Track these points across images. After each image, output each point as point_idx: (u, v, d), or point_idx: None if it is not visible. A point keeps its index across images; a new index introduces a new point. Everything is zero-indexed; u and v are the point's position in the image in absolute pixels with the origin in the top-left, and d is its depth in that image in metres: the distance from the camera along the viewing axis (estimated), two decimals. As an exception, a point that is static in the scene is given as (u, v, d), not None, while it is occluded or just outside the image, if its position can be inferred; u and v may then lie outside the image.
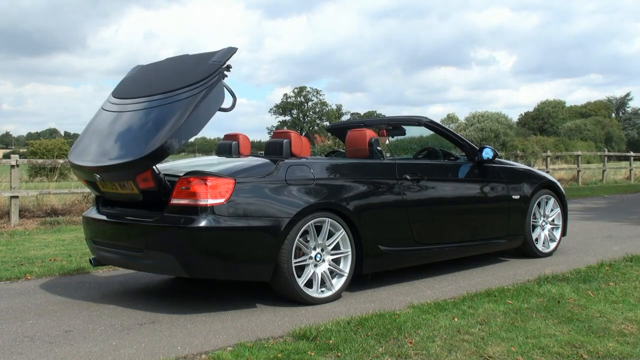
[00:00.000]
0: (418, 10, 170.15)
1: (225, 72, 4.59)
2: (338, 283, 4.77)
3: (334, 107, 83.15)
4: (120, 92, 5.06)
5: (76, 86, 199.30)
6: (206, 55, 4.79)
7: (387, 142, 6.92)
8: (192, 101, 4.35)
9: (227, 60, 4.59)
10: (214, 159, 5.41)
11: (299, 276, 4.55)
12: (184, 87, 4.50)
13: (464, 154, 6.13)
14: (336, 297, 4.74)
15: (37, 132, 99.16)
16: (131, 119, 4.67)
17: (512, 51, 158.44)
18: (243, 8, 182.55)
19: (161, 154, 4.25)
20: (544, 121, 67.49)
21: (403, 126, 6.38)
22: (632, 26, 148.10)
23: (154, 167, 4.39)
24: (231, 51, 4.67)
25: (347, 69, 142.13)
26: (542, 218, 6.54)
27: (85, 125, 5.10)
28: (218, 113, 4.61)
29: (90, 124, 5.05)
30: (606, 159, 24.20)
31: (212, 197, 4.27)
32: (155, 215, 4.48)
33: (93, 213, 5.08)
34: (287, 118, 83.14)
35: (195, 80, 4.49)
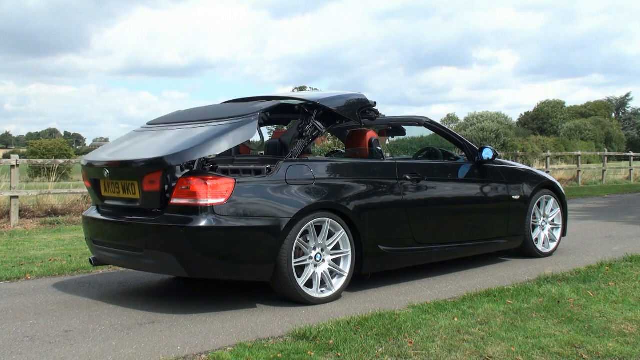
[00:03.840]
0: (423, 11, 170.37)
1: (263, 117, 4.80)
2: (338, 283, 4.77)
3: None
4: (155, 122, 5.42)
5: (79, 86, 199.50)
6: (247, 100, 5.31)
7: (387, 142, 6.92)
8: (222, 128, 4.56)
9: (268, 109, 4.85)
10: None
11: (299, 276, 4.56)
12: (218, 118, 4.78)
13: (464, 154, 6.13)
14: (336, 297, 4.74)
15: (37, 132, 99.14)
16: (158, 135, 4.95)
17: (515, 51, 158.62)
18: (249, 8, 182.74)
19: (179, 159, 4.31)
20: (544, 121, 67.34)
21: (403, 126, 6.38)
22: (635, 26, 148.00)
23: (163, 170, 4.39)
24: (275, 103, 4.98)
25: (349, 69, 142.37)
26: (542, 218, 6.54)
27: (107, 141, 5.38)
28: None
29: (116, 140, 5.43)
30: (606, 159, 24.19)
31: (212, 196, 4.27)
32: (155, 215, 4.48)
33: (93, 213, 5.09)
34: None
35: (230, 115, 4.77)
